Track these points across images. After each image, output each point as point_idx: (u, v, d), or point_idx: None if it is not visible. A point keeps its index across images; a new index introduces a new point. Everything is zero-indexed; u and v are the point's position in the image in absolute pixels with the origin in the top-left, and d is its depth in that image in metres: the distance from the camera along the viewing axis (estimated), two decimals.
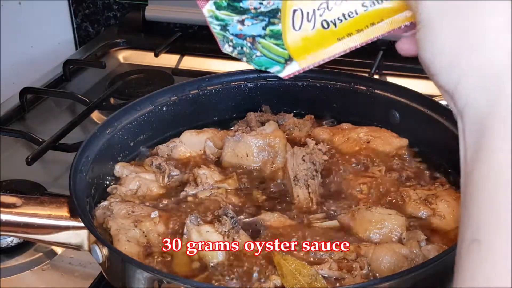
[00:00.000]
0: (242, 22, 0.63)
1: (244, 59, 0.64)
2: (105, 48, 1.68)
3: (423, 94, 1.01)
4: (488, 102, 0.47)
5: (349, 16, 0.60)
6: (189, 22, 1.70)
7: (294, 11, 0.61)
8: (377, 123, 1.06)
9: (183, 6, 1.63)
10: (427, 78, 0.56)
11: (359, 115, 1.08)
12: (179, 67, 1.58)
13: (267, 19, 0.62)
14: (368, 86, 1.06)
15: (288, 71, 0.64)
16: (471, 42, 0.48)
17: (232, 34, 0.62)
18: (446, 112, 0.95)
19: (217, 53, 1.57)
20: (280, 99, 1.11)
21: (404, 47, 0.58)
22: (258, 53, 0.63)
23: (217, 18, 0.62)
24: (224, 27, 0.62)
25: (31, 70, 1.63)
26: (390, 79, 1.43)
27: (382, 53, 1.45)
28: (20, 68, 1.69)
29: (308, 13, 0.60)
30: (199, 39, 1.64)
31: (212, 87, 1.09)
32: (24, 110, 1.43)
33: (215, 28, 0.63)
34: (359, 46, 0.62)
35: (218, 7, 0.62)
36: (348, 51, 0.62)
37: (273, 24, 0.62)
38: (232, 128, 1.06)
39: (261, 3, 0.61)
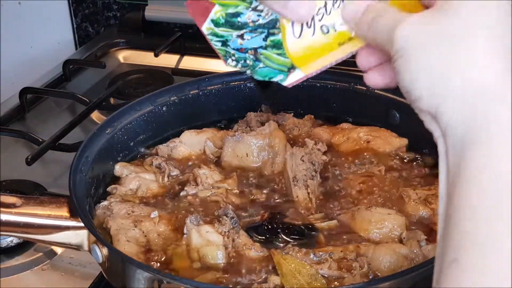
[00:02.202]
0: (241, 36, 0.62)
1: (248, 71, 0.64)
2: (105, 48, 1.68)
3: None
4: (469, 124, 0.47)
5: None
6: (189, 22, 1.69)
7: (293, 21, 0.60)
8: (377, 123, 1.06)
9: (183, 6, 1.61)
10: None
11: (359, 115, 1.08)
12: (179, 67, 1.58)
13: (266, 30, 0.61)
14: (367, 86, 1.05)
15: (291, 79, 0.63)
16: (450, 66, 0.49)
17: (234, 49, 0.62)
18: None
19: None
20: (280, 99, 1.11)
21: (371, 80, 0.60)
22: (261, 65, 0.63)
23: (216, 35, 0.62)
24: (224, 43, 0.62)
25: (31, 70, 1.63)
26: None
27: None
28: (20, 68, 1.69)
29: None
30: (199, 39, 1.61)
31: (212, 87, 1.09)
32: (24, 110, 1.43)
33: (216, 45, 0.62)
34: (360, 50, 0.60)
35: (216, 24, 0.62)
36: (349, 55, 0.61)
37: (273, 34, 0.61)
38: (232, 128, 1.06)
39: (259, 15, 0.60)
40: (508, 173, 0.45)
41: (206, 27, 0.61)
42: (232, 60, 0.63)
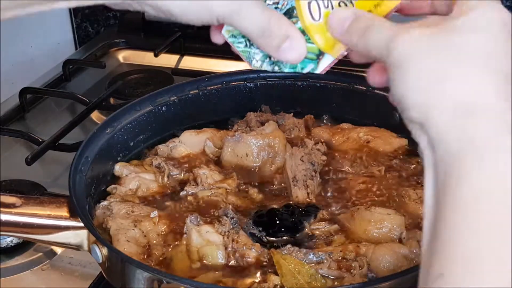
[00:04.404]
0: None
1: (276, 68, 0.62)
2: (104, 48, 1.68)
3: None
4: (457, 137, 0.48)
5: None
6: None
7: (309, 3, 0.59)
8: (377, 123, 1.06)
9: None
10: None
11: (359, 115, 1.08)
12: (179, 67, 1.58)
13: None
14: (368, 86, 1.06)
15: (323, 66, 0.61)
16: (444, 79, 0.50)
17: (257, 48, 0.61)
18: None
19: (217, 53, 1.60)
20: (280, 99, 1.11)
21: (376, 80, 0.60)
22: None
23: (236, 36, 0.61)
24: (247, 44, 0.61)
25: (30, 70, 1.63)
26: None
27: None
28: (20, 68, 1.68)
29: (323, 0, 0.60)
30: (199, 39, 1.63)
31: (212, 87, 1.09)
32: (23, 110, 1.43)
33: (239, 47, 0.61)
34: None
35: None
36: None
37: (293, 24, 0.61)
38: (232, 128, 1.06)
39: (276, 7, 0.60)
40: (493, 188, 0.46)
41: (225, 30, 0.61)
42: (257, 60, 0.62)
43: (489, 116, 0.48)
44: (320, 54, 0.61)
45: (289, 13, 0.60)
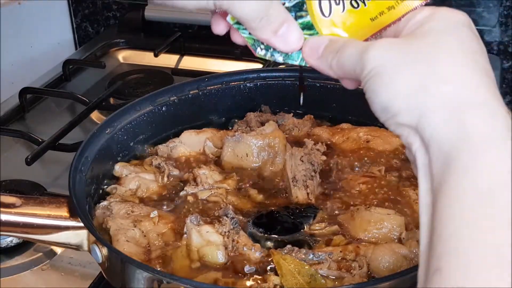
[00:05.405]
0: None
1: (280, 58, 0.62)
2: (104, 48, 1.68)
3: None
4: (452, 135, 0.48)
5: None
6: (189, 22, 1.70)
7: (320, 1, 0.59)
8: (377, 123, 1.05)
9: None
10: None
11: (359, 115, 1.08)
12: (179, 67, 1.58)
13: (293, 13, 0.60)
14: None
15: None
16: (426, 81, 0.50)
17: None
18: None
19: (217, 53, 1.60)
20: (280, 99, 1.11)
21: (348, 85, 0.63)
22: None
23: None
24: None
25: (30, 70, 1.63)
26: None
27: None
28: (20, 68, 1.69)
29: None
30: (198, 39, 1.64)
31: (212, 87, 1.09)
32: (23, 110, 1.43)
33: (244, 33, 0.60)
34: (392, 25, 0.58)
35: None
36: (383, 31, 0.59)
37: (301, 17, 0.60)
38: (232, 128, 1.06)
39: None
40: (491, 183, 0.46)
41: (230, 17, 0.60)
42: (261, 49, 0.61)
43: (482, 112, 0.48)
44: None
45: (299, 6, 0.60)
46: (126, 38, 1.71)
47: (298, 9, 0.59)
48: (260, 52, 0.62)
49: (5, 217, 0.78)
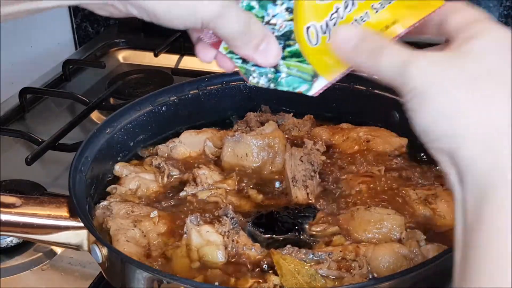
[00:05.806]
0: None
1: (272, 85, 0.63)
2: (104, 48, 1.68)
3: None
4: (490, 166, 0.47)
5: (362, 20, 0.59)
6: None
7: (307, 28, 0.60)
8: (377, 123, 1.06)
9: None
10: None
11: (359, 115, 1.08)
12: (179, 67, 1.58)
13: (282, 42, 0.61)
14: (367, 86, 1.06)
15: (316, 88, 0.62)
16: (470, 108, 0.48)
17: (253, 65, 0.61)
18: None
19: None
20: (280, 99, 1.11)
21: None
22: (284, 74, 0.62)
23: (234, 53, 0.61)
24: (244, 60, 0.61)
25: (30, 70, 1.63)
26: None
27: None
28: (20, 68, 1.69)
29: (321, 26, 0.59)
30: None
31: (212, 87, 1.09)
32: (23, 110, 1.43)
33: (237, 62, 0.62)
34: None
35: None
36: None
37: (289, 46, 0.61)
38: (232, 128, 1.06)
39: (273, 29, 0.60)
40: None
41: (223, 47, 0.61)
42: (254, 77, 0.62)
43: None
44: (314, 76, 0.61)
45: (287, 35, 0.60)
46: (126, 38, 1.71)
47: (286, 38, 0.60)
48: (252, 80, 0.63)
49: (5, 217, 0.78)
